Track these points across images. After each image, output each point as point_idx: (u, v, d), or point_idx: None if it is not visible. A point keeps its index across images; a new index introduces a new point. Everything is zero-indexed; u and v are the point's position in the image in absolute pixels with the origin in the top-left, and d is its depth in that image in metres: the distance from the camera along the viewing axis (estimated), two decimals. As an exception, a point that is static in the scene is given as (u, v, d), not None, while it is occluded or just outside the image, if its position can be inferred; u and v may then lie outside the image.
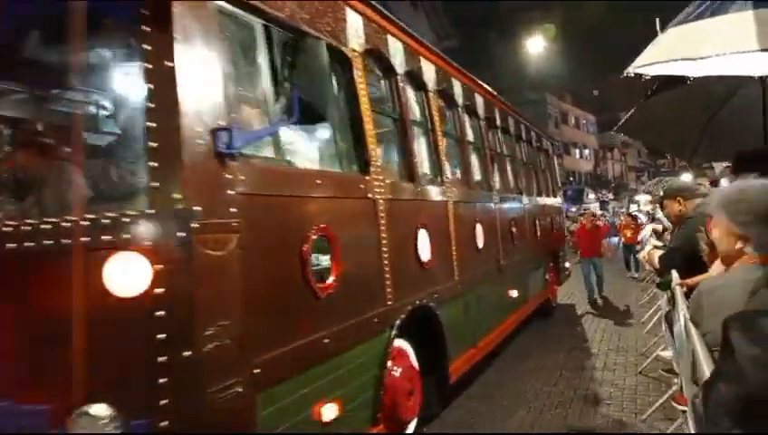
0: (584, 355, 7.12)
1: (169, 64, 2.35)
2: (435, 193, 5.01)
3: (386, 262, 3.84)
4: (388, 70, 4.48)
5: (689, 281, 3.29)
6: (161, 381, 2.21)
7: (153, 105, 2.35)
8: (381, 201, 3.87)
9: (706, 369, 1.66)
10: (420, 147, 5.09)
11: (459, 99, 6.08)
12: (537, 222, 8.65)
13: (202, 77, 2.48)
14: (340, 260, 3.23)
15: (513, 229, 7.23)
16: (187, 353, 2.23)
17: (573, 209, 40.75)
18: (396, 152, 4.69)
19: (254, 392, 2.53)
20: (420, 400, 4.25)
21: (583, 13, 50.92)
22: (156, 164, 2.31)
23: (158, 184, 2.31)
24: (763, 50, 3.37)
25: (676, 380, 4.61)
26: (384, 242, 3.84)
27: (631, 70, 4.12)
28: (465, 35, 43.18)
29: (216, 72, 2.57)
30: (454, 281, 5.15)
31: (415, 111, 5.05)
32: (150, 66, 2.36)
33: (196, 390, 2.26)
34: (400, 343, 4.11)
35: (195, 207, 2.31)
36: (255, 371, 2.54)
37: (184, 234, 2.27)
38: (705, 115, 5.68)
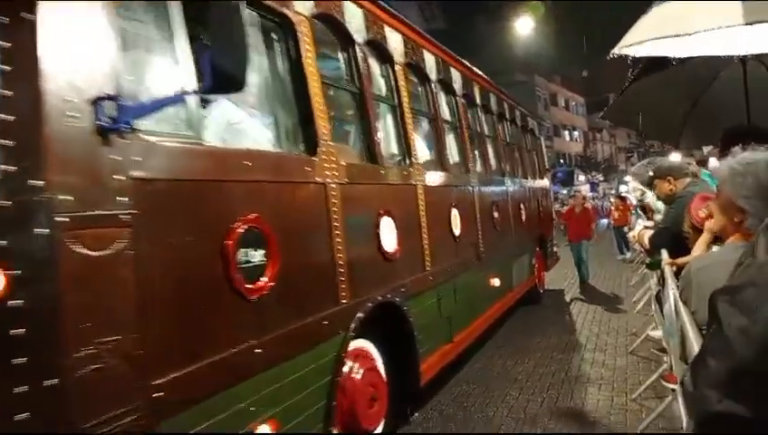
0: (575, 337, 7.11)
1: (29, 16, 1.84)
2: (401, 176, 4.54)
3: (339, 256, 3.36)
4: (344, 37, 3.97)
5: (679, 260, 3.24)
6: (18, 418, 1.73)
7: (9, 68, 1.84)
8: (333, 186, 3.38)
9: (696, 347, 1.64)
10: (384, 125, 4.61)
11: (432, 73, 5.57)
12: (522, 206, 8.18)
13: (78, 33, 1.98)
14: (277, 256, 2.75)
15: (495, 215, 6.77)
16: (50, 382, 1.76)
17: (564, 191, 40.62)
18: (355, 131, 4.20)
19: (154, 421, 2.06)
20: (386, 405, 3.81)
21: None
22: (11, 143, 1.81)
23: (13, 168, 1.81)
24: (747, 24, 3.30)
25: (666, 359, 4.62)
26: (337, 233, 3.36)
27: (617, 50, 4.08)
28: (453, 17, 42.69)
29: (101, 26, 2.06)
30: (425, 273, 4.70)
31: (378, 85, 4.55)
32: (5, 19, 1.85)
33: (64, 426, 1.79)
34: (361, 344, 3.67)
35: (62, 196, 1.82)
36: (157, 394, 2.07)
37: (46, 230, 1.78)
38: (689, 100, 5.67)
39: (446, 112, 5.95)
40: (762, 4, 3.29)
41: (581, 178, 51.46)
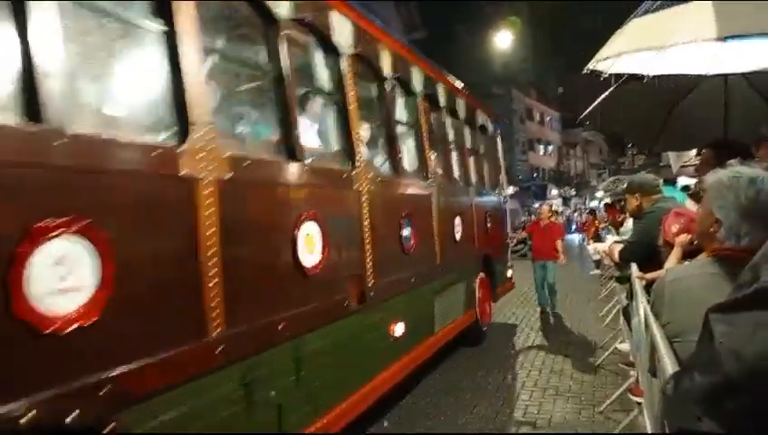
0: (543, 350, 7.01)
1: None
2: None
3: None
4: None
5: (648, 275, 3.27)
6: None
7: None
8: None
9: (667, 359, 1.67)
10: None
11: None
12: (458, 221, 6.29)
13: None
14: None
15: (404, 232, 4.78)
16: None
17: (537, 205, 40.41)
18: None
19: None
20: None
21: (549, 10, 50.22)
22: None
23: None
24: (719, 39, 3.39)
25: (632, 372, 4.61)
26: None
27: (592, 64, 4.09)
28: (433, 28, 42.25)
29: None
30: (207, 341, 2.55)
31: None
32: None
33: None
34: None
35: None
36: None
37: None
38: (666, 107, 5.66)
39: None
40: (734, 20, 3.33)
41: (554, 192, 51.37)
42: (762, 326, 0.90)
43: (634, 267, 3.70)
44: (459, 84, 7.02)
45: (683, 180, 8.86)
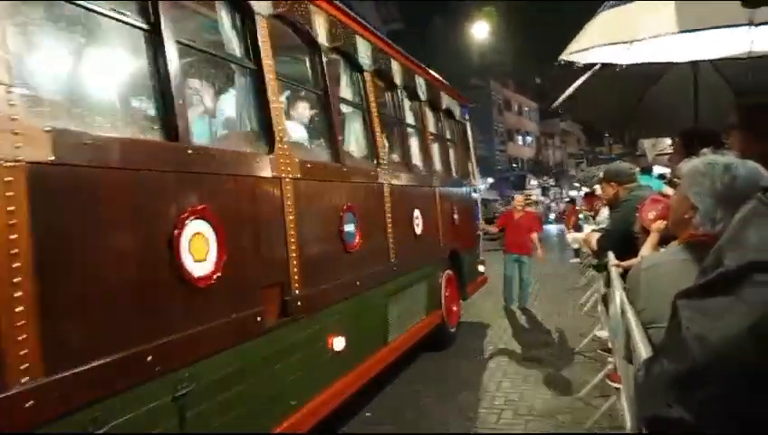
0: (521, 341, 6.84)
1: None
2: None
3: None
4: None
5: (624, 263, 3.29)
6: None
7: None
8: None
9: (641, 346, 1.68)
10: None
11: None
12: (419, 212, 5.53)
13: None
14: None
15: (347, 227, 4.03)
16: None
17: (516, 195, 39.90)
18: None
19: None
20: None
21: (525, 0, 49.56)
22: None
23: None
24: (683, 32, 3.49)
25: (611, 359, 4.61)
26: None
27: (564, 57, 4.16)
28: (410, 19, 41.37)
29: None
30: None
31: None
32: None
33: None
34: None
35: None
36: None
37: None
38: (636, 94, 5.63)
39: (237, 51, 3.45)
40: (695, 13, 3.36)
41: (533, 182, 50.92)
42: (726, 311, 0.90)
43: (611, 255, 3.70)
44: (419, 63, 6.22)
45: (658, 169, 8.92)
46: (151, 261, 2.36)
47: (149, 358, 2.26)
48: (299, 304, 3.34)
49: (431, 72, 6.65)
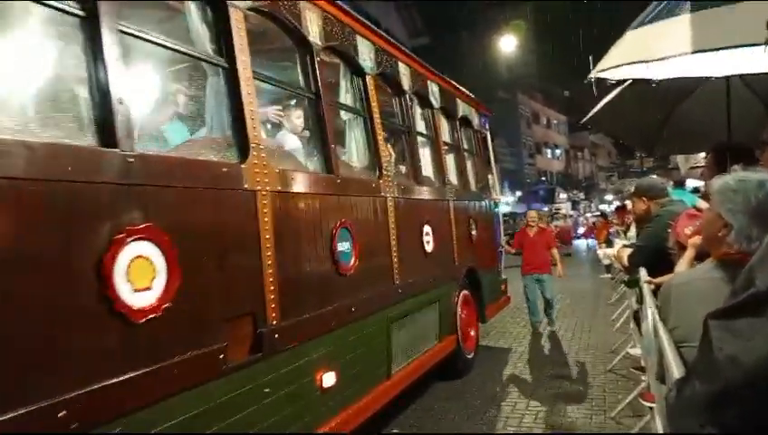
0: (554, 353, 6.75)
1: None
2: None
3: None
4: None
5: (657, 279, 3.13)
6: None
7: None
8: None
9: (673, 365, 1.66)
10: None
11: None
12: (427, 229, 4.96)
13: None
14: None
15: (340, 246, 3.51)
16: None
17: (545, 209, 38.91)
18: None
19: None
20: None
21: (553, 13, 48.80)
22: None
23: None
24: (720, 49, 3.47)
25: (644, 377, 4.44)
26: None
27: (593, 75, 4.20)
28: (437, 33, 41.04)
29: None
30: None
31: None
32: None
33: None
34: None
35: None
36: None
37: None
38: (666, 109, 5.54)
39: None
40: (721, 32, 3.36)
41: (563, 195, 49.83)
42: (757, 332, 0.89)
43: (643, 271, 3.62)
44: (431, 68, 5.73)
45: (692, 182, 8.75)
46: (70, 292, 1.91)
47: (62, 413, 1.80)
48: (276, 336, 2.85)
49: (446, 78, 6.15)
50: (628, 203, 8.28)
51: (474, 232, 6.35)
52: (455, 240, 5.70)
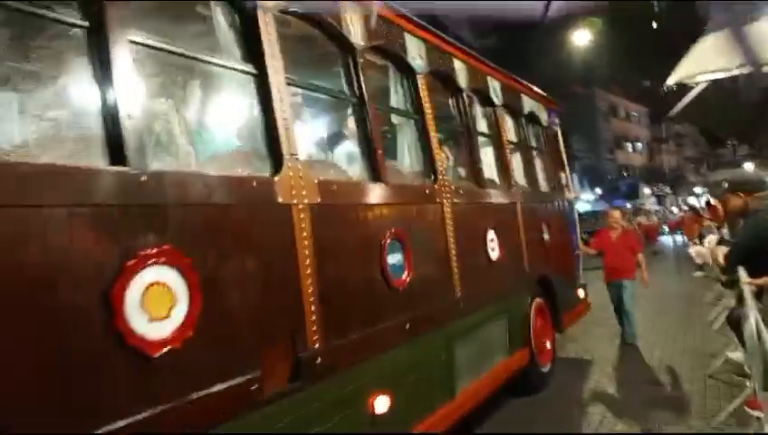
0: (645, 358, 6.34)
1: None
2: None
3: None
4: None
5: (759, 281, 3.10)
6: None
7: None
8: None
9: None
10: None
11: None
12: (491, 235, 4.54)
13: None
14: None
15: (391, 259, 3.21)
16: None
17: (628, 205, 36.85)
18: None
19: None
20: None
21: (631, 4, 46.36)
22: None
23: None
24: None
25: (748, 383, 4.26)
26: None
27: (670, 82, 4.57)
28: (507, 32, 40.00)
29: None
30: None
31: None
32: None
33: None
34: None
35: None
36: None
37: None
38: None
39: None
40: None
41: (646, 190, 47.09)
42: None
43: (742, 271, 3.46)
44: (490, 64, 5.34)
45: None
46: (75, 325, 1.74)
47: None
48: (319, 360, 2.60)
49: (508, 73, 5.74)
50: (713, 200, 7.81)
51: (546, 236, 5.87)
52: (524, 246, 5.26)
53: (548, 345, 5.63)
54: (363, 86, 3.35)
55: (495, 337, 4.57)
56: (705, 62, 4.55)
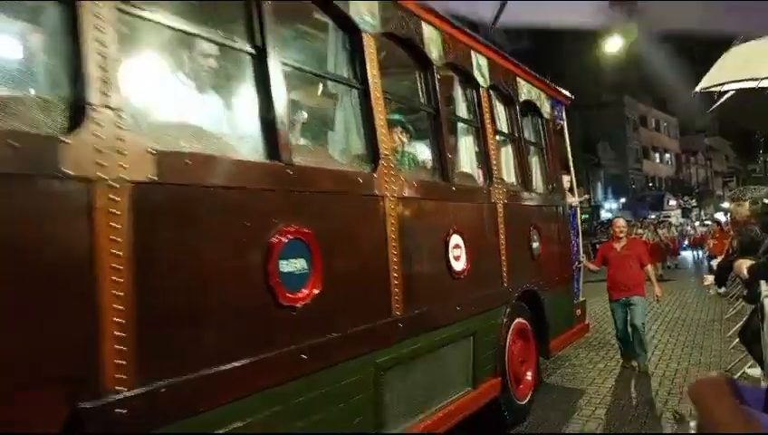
0: (663, 370, 5.94)
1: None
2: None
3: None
4: None
5: None
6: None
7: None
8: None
9: None
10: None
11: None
12: (456, 240, 3.60)
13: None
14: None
15: (280, 268, 2.26)
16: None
17: (653, 216, 35.17)
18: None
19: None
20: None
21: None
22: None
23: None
24: None
25: None
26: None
27: (698, 89, 4.50)
28: (537, 36, 38.55)
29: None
30: None
31: None
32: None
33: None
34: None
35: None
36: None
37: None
38: None
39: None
40: None
41: (672, 202, 45.15)
42: None
43: (764, 286, 3.41)
44: (478, 37, 4.35)
45: None
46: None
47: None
48: (123, 412, 1.71)
49: (501, 52, 4.75)
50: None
51: (536, 244, 4.88)
52: (504, 255, 4.27)
53: (529, 375, 4.63)
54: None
55: (453, 365, 3.62)
56: (734, 71, 4.42)
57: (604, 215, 37.19)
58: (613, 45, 35.30)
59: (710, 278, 8.95)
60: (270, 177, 2.33)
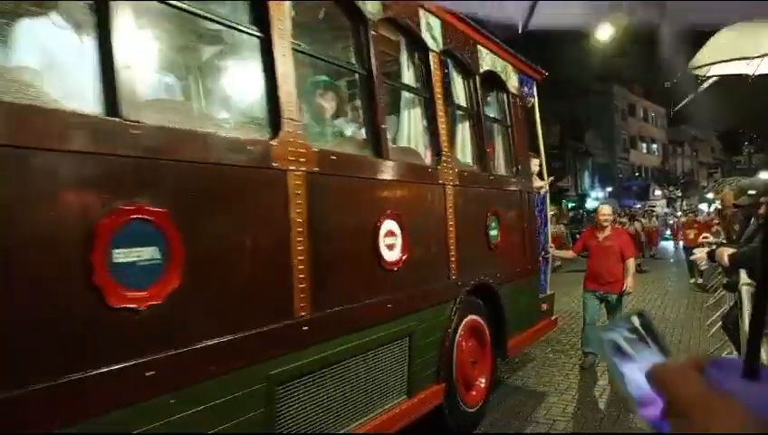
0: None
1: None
2: None
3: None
4: None
5: None
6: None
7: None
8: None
9: None
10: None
11: None
12: (389, 226, 3.06)
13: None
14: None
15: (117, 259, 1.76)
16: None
17: (638, 206, 34.76)
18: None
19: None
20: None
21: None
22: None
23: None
24: None
25: None
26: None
27: (688, 70, 4.47)
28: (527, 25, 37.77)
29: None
30: None
31: None
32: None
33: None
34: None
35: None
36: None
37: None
38: None
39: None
40: None
41: (658, 192, 44.78)
42: None
43: (743, 273, 3.50)
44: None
45: None
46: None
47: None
48: None
49: (461, 15, 4.15)
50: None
51: (494, 232, 4.33)
52: (452, 243, 3.72)
53: (482, 379, 4.10)
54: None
55: (382, 372, 3.07)
56: (718, 53, 4.32)
57: (591, 204, 36.81)
58: (603, 33, 34.75)
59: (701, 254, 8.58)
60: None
